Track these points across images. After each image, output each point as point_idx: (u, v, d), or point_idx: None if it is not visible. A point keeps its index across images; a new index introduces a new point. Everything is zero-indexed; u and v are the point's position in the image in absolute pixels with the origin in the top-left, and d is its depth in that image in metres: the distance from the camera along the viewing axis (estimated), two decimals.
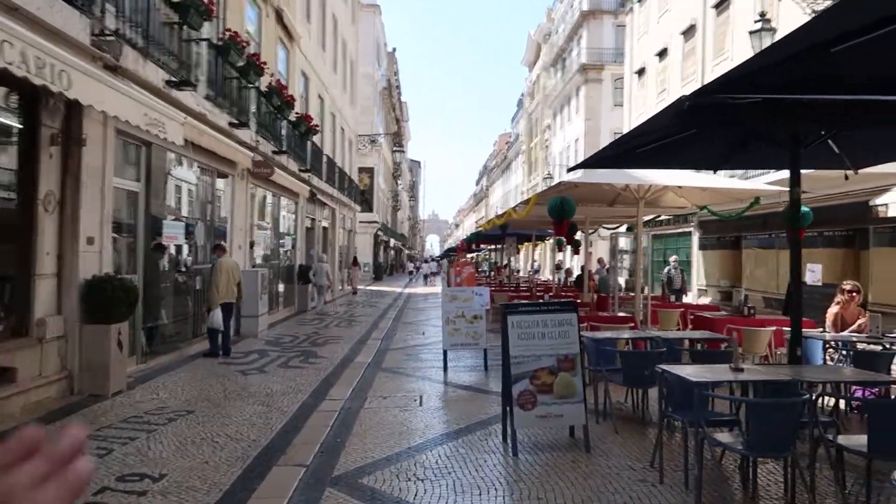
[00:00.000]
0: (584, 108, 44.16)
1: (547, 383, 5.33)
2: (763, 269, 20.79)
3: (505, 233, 15.21)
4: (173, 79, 8.70)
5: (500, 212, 77.63)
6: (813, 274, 10.80)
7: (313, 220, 21.49)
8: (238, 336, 12.72)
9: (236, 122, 11.60)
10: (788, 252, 6.23)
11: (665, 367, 4.54)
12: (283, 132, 15.91)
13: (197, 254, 11.22)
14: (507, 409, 5.47)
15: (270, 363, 9.98)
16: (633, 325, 8.84)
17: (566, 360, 5.39)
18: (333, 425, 6.44)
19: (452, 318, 9.51)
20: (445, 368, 9.51)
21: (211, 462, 5.22)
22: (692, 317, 10.10)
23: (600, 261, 18.88)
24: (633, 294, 12.52)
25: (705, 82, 24.83)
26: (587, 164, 7.51)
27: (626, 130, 34.85)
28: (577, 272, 23.15)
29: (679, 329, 10.98)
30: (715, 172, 8.11)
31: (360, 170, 40.22)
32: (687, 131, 5.90)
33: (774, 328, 8.09)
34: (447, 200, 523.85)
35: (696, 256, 25.25)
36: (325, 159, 22.30)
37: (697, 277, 24.94)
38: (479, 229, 19.78)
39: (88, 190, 7.26)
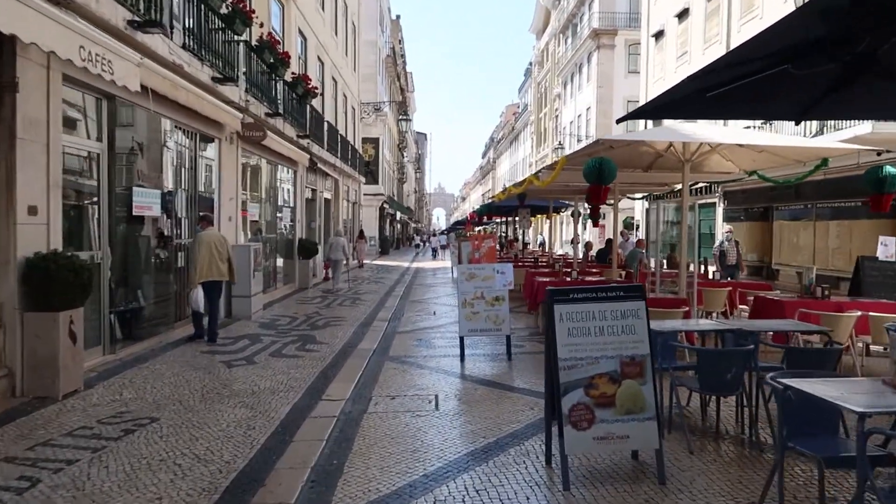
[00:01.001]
0: (595, 76, 42.36)
1: (608, 394, 4.02)
2: (796, 241, 19.38)
3: (521, 203, 13.87)
4: (136, 19, 7.28)
5: (507, 184, 76.32)
6: (886, 248, 9.40)
7: (314, 190, 20.12)
8: (229, 318, 11.47)
9: (220, 76, 10.18)
10: (828, 224, 5.10)
11: (788, 381, 3.21)
12: (279, 94, 14.49)
13: (181, 227, 9.89)
14: (555, 426, 4.16)
15: (261, 351, 8.71)
16: (686, 309, 7.49)
17: (632, 364, 4.07)
18: (329, 438, 5.16)
19: (470, 300, 8.20)
20: (462, 358, 8.22)
21: (166, 499, 3.96)
22: (751, 298, 8.72)
23: (623, 233, 17.51)
24: (669, 272, 11.19)
25: (730, 44, 23.15)
26: (644, 111, 6.09)
27: (642, 98, 33.26)
28: (597, 246, 21.77)
29: (727, 311, 9.65)
30: (797, 124, 6.69)
31: (365, 140, 38.73)
32: (778, 66, 4.51)
33: (858, 313, 6.74)
34: (453, 174, 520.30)
35: (721, 229, 23.81)
36: (325, 126, 20.85)
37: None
38: (492, 199, 18.35)
39: (27, 148, 5.91)
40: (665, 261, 9.48)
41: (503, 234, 40.93)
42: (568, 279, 10.68)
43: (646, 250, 15.77)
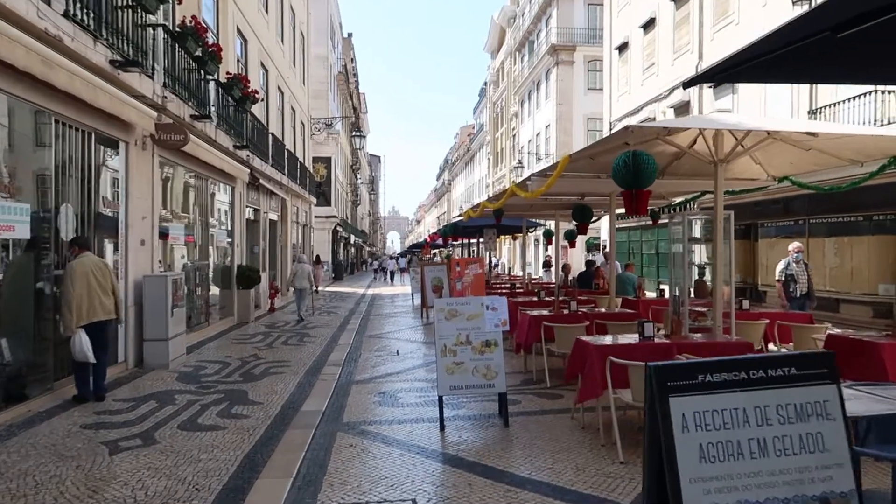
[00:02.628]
0: (555, 92, 41.26)
1: None
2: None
3: (498, 221, 11.98)
4: None
5: (463, 206, 74.81)
6: None
7: (257, 211, 17.82)
8: (140, 368, 9.10)
9: (120, 59, 7.97)
10: (823, 241, 3.62)
11: None
12: (210, 96, 12.30)
13: (61, 253, 7.55)
14: None
15: (169, 420, 6.43)
16: (748, 352, 5.58)
17: None
18: None
19: (452, 347, 6.13)
20: (442, 426, 6.12)
21: None
22: (820, 339, 6.82)
23: (606, 255, 15.79)
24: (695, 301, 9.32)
25: (703, 53, 21.56)
26: (711, 73, 4.17)
27: (605, 114, 32.08)
28: (575, 268, 19.98)
29: (762, 349, 7.83)
30: None
31: (316, 160, 36.52)
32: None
33: None
34: (407, 197, 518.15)
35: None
36: (270, 139, 18.64)
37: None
38: (460, 217, 16.39)
39: None
40: (693, 289, 7.68)
41: (448, 255, 39.09)
42: (566, 310, 8.70)
43: (626, 272, 14.05)
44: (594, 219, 12.12)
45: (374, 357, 10.69)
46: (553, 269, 18.75)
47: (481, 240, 22.74)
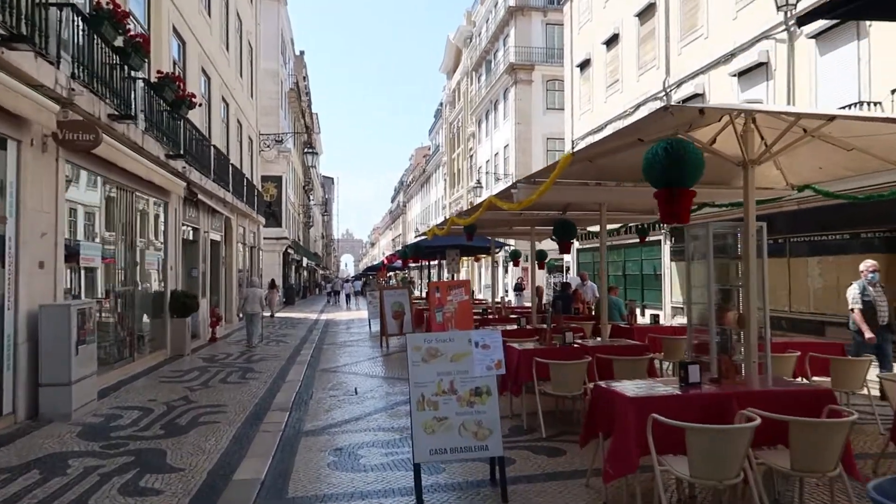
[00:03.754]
0: (513, 112, 40.55)
1: None
2: (772, 282, 17.14)
3: (469, 238, 10.59)
4: None
5: (419, 227, 73.27)
6: None
7: (196, 230, 16.03)
8: (34, 421, 7.32)
9: (4, 33, 6.35)
10: (806, 260, 2.69)
11: None
12: (137, 96, 10.67)
13: None
14: None
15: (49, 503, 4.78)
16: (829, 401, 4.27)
17: None
18: None
19: (432, 398, 4.67)
20: (420, 502, 4.65)
21: None
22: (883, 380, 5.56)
23: (582, 275, 14.61)
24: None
25: (670, 68, 20.41)
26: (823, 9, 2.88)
27: (567, 133, 31.34)
28: (543, 291, 18.68)
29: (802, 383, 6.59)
30: None
31: (266, 179, 34.71)
32: None
33: None
34: (361, 220, 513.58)
35: (668, 269, 21.52)
36: (212, 151, 16.95)
37: (671, 293, 21.21)
38: (422, 237, 15.02)
39: None
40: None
41: (405, 279, 37.47)
42: (556, 342, 7.31)
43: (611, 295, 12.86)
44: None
45: (329, 398, 9.10)
46: (525, 292, 17.50)
47: (443, 261, 21.38)
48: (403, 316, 15.22)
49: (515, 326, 9.77)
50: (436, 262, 23.78)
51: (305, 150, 29.75)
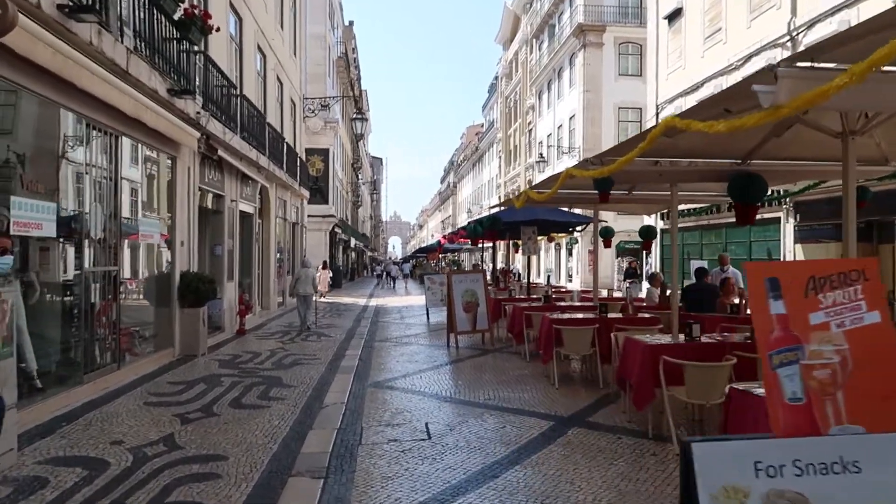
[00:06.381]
0: (581, 79, 36.57)
1: None
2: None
3: (604, 197, 7.19)
4: None
5: (471, 207, 69.79)
6: None
7: (220, 197, 12.99)
8: None
9: None
10: None
11: None
12: (126, 3, 7.58)
13: None
14: None
15: None
16: None
17: None
18: None
19: None
20: None
21: None
22: None
23: (723, 258, 11.04)
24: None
25: (797, 7, 16.51)
26: None
27: (651, 97, 27.35)
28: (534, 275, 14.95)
29: None
30: None
31: (312, 152, 31.82)
32: None
33: None
34: (408, 202, 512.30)
35: (794, 253, 17.59)
36: (241, 103, 13.87)
37: None
38: (509, 203, 11.63)
39: None
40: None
41: (478, 263, 34.16)
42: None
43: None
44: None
45: (386, 444, 5.79)
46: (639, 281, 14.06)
47: (515, 241, 17.91)
48: (477, 308, 11.90)
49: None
50: (490, 244, 20.40)
51: (354, 116, 26.58)
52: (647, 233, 13.08)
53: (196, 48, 10.16)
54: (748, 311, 9.55)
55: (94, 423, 6.25)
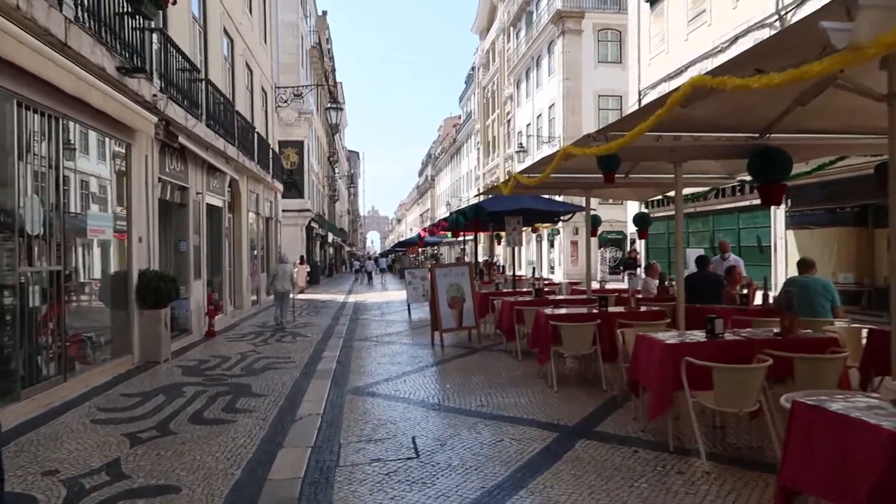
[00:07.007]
0: (560, 67, 35.94)
1: None
2: None
3: (608, 178, 6.42)
4: None
5: (451, 201, 68.97)
6: None
7: (184, 189, 12.05)
8: None
9: None
10: None
11: None
12: None
13: None
14: None
15: None
16: None
17: None
18: None
19: None
20: None
21: None
22: None
23: (723, 244, 10.39)
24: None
25: None
26: None
27: (633, 83, 26.77)
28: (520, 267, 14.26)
29: None
30: None
31: (286, 144, 30.80)
32: None
33: None
34: (386, 198, 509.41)
35: (784, 239, 17.09)
36: (206, 88, 12.92)
37: (787, 270, 16.80)
38: (483, 196, 10.91)
39: None
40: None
41: (461, 255, 33.46)
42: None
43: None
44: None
45: (367, 466, 5.00)
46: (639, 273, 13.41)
47: (497, 233, 17.19)
48: (463, 304, 11.13)
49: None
50: (471, 236, 19.64)
51: (329, 105, 25.60)
52: (642, 220, 12.42)
53: (152, 24, 9.24)
54: (757, 302, 8.92)
55: (26, 448, 5.38)
